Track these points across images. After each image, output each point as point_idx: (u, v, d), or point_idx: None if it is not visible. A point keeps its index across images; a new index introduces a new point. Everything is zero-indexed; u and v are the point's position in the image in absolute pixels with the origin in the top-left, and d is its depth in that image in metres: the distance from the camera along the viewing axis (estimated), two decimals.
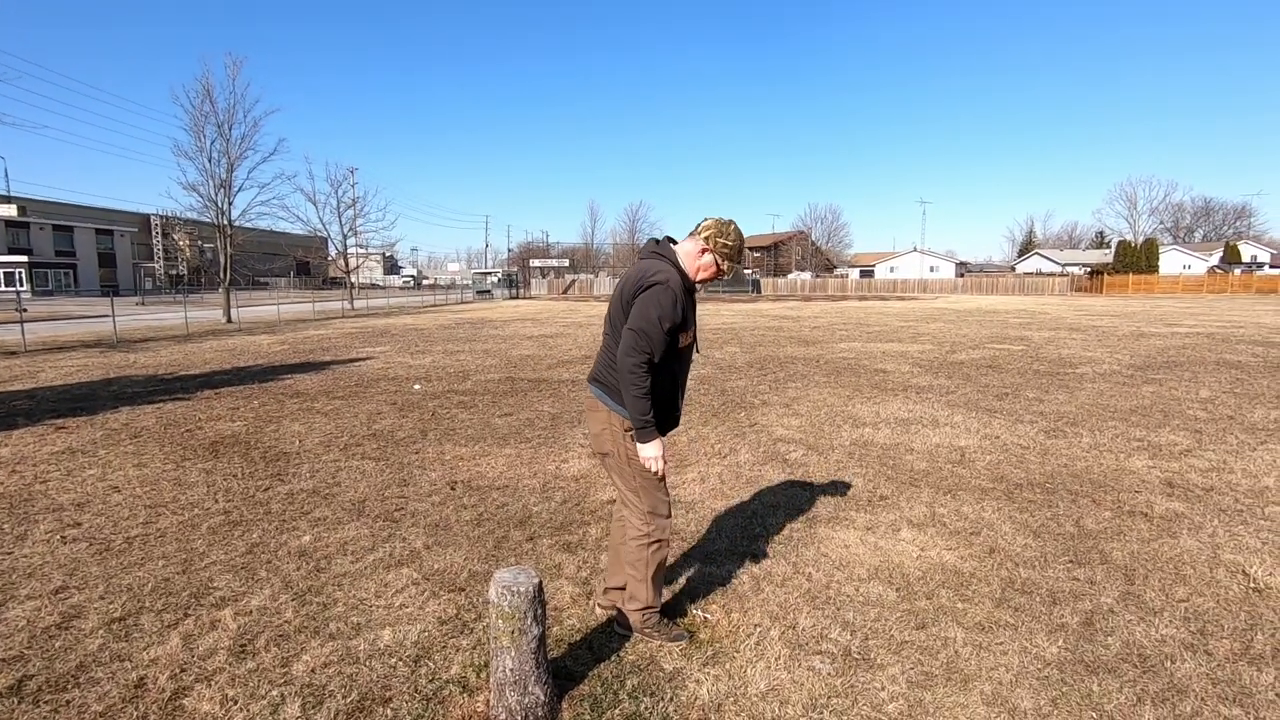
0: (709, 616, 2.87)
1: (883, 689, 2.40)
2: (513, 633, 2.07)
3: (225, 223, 23.14)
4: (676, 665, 2.54)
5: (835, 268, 77.00)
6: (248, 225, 26.16)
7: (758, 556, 3.53)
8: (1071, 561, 3.46)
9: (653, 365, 2.44)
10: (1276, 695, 2.36)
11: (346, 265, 37.26)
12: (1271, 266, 64.12)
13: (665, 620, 2.73)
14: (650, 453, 2.52)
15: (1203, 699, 2.34)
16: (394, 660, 2.57)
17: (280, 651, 2.64)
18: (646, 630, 2.67)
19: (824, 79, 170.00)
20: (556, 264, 69.39)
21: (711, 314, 26.25)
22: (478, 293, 51.22)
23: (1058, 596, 3.09)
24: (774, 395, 8.21)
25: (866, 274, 68.21)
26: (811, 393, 8.35)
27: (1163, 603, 3.03)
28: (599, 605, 2.91)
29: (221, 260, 24.01)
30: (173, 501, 4.44)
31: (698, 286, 2.65)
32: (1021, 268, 72.80)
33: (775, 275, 67.44)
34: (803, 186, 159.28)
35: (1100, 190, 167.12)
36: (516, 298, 51.79)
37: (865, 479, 4.85)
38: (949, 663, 2.57)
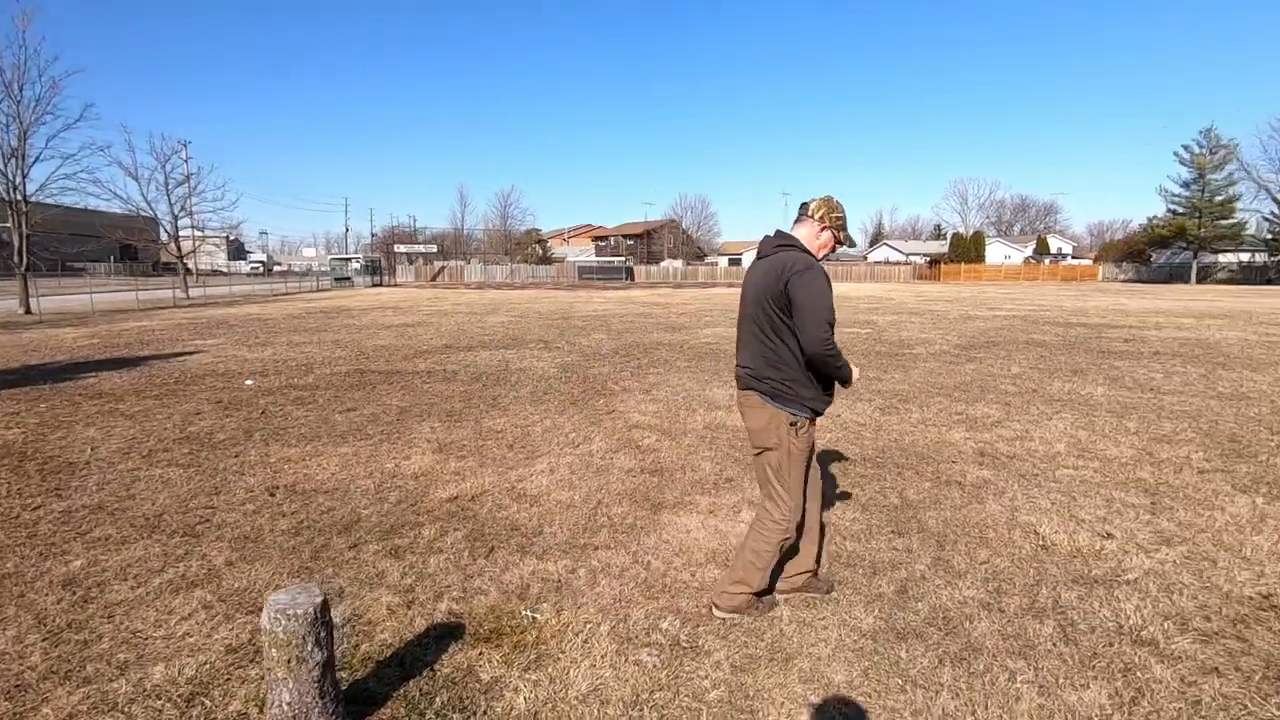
0: (537, 616, 2.74)
1: (706, 677, 2.38)
2: (289, 661, 1.82)
3: (19, 198, 19.96)
4: (495, 674, 2.38)
5: (706, 256, 79.36)
6: (49, 201, 22.69)
7: (598, 548, 3.44)
8: (893, 532, 3.65)
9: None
10: (1053, 644, 2.58)
11: (179, 249, 33.42)
12: (1074, 257, 73.47)
13: (759, 600, 2.81)
14: (856, 372, 2.78)
15: (994, 655, 2.51)
16: (161, 702, 2.22)
17: (13, 707, 2.20)
18: (749, 610, 2.76)
19: (692, 73, 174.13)
20: (424, 250, 66.31)
21: (584, 301, 26.12)
22: (336, 280, 47.75)
23: (878, 567, 3.24)
24: (635, 382, 8.21)
25: (735, 262, 70.79)
26: (672, 378, 8.44)
27: (967, 565, 3.25)
28: (779, 594, 2.91)
29: (15, 242, 20.68)
30: None
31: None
32: (872, 257, 78.56)
33: (649, 263, 68.41)
34: (674, 177, 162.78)
35: (938, 186, 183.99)
36: (379, 285, 48.95)
37: (714, 462, 4.92)
38: (774, 643, 2.59)
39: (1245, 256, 52.46)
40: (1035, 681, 2.35)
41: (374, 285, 48.25)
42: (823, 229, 2.74)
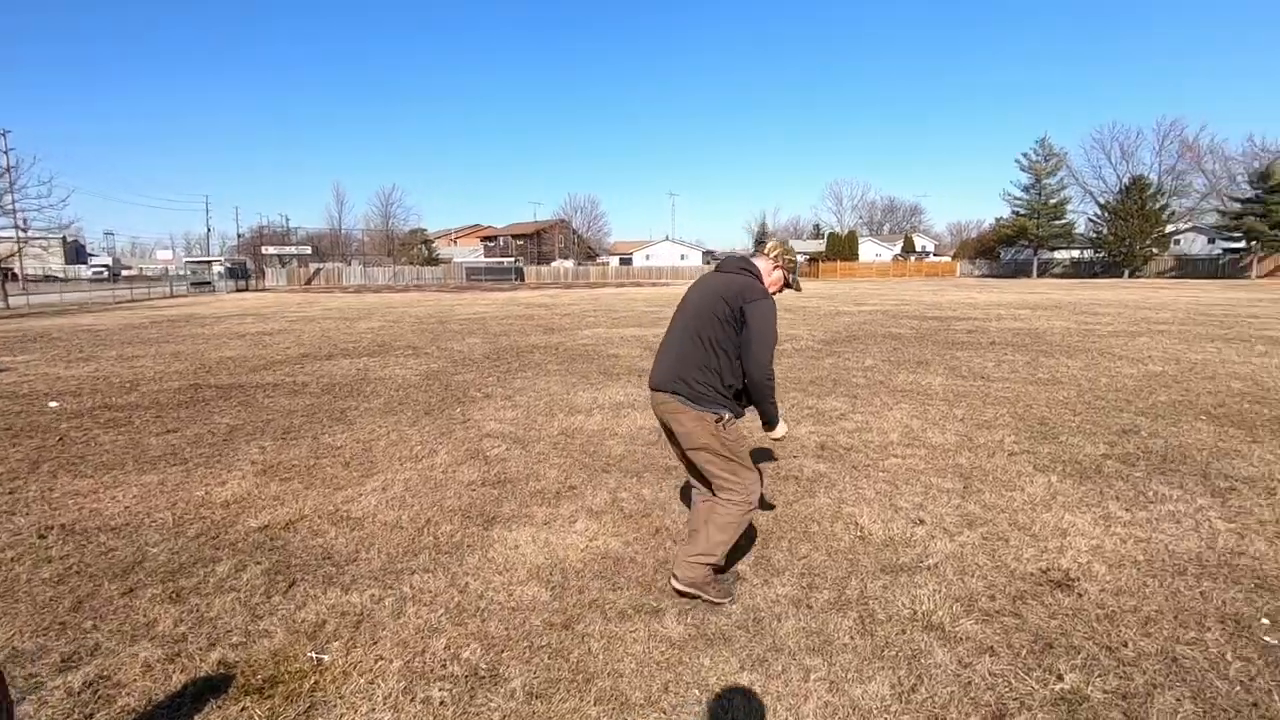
0: (324, 658, 2.50)
1: (497, 709, 2.24)
2: None
3: None
4: None
5: (597, 256, 79.41)
6: None
7: (415, 571, 3.22)
8: None
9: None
10: (851, 638, 2.64)
11: None
12: (935, 255, 79.67)
13: (719, 577, 2.96)
14: (783, 429, 2.99)
15: (793, 654, 2.54)
16: None
17: None
18: (707, 587, 2.87)
19: (578, 72, 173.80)
20: (297, 252, 62.12)
21: (466, 304, 25.34)
22: (194, 285, 43.74)
23: None
24: (499, 387, 7.96)
25: (626, 262, 71.33)
26: (539, 382, 8.26)
27: (787, 562, 3.31)
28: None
29: None
30: None
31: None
32: None
33: (539, 263, 67.55)
34: (562, 176, 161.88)
35: (817, 188, 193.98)
36: (245, 290, 45.38)
37: (561, 470, 4.80)
38: (578, 663, 2.50)
39: (1076, 253, 58.77)
40: (827, 678, 2.39)
41: (239, 290, 44.66)
42: (775, 267, 2.99)
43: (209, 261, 55.48)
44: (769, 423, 2.93)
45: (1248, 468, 4.66)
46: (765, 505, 3.85)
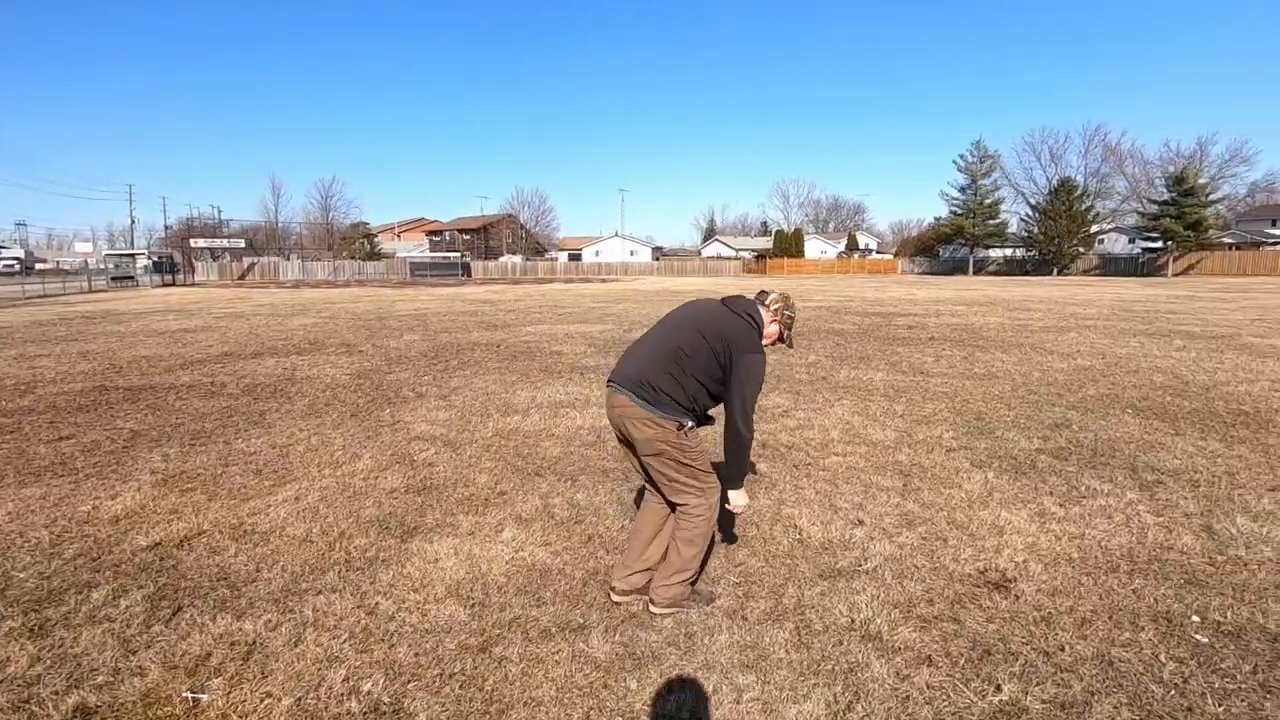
0: (200, 698, 2.21)
1: None
2: None
3: None
4: None
5: (546, 251, 78.51)
6: None
7: (320, 592, 2.95)
8: None
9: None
10: (786, 651, 2.51)
11: None
12: (878, 252, 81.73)
13: (696, 592, 2.86)
14: (745, 501, 2.81)
15: (725, 671, 2.39)
16: None
17: None
18: (683, 601, 2.77)
19: (528, 64, 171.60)
20: (230, 245, 59.35)
21: (408, 300, 24.58)
22: (114, 279, 41.21)
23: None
24: (434, 387, 7.62)
25: (575, 257, 70.77)
26: (476, 381, 7.95)
27: (723, 569, 3.16)
28: (616, 596, 2.85)
29: None
30: None
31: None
32: (706, 252, 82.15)
33: (486, 258, 66.33)
34: (510, 170, 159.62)
35: (765, 185, 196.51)
36: (172, 285, 43.10)
37: (492, 474, 4.55)
38: (493, 691, 2.28)
39: (1009, 252, 61.12)
40: (760, 698, 2.24)
41: (165, 285, 42.39)
42: (773, 320, 2.87)
43: (132, 255, 52.42)
44: (734, 481, 2.73)
45: (1172, 460, 4.76)
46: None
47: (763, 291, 2.97)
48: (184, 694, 2.23)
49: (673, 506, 2.82)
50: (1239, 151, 57.28)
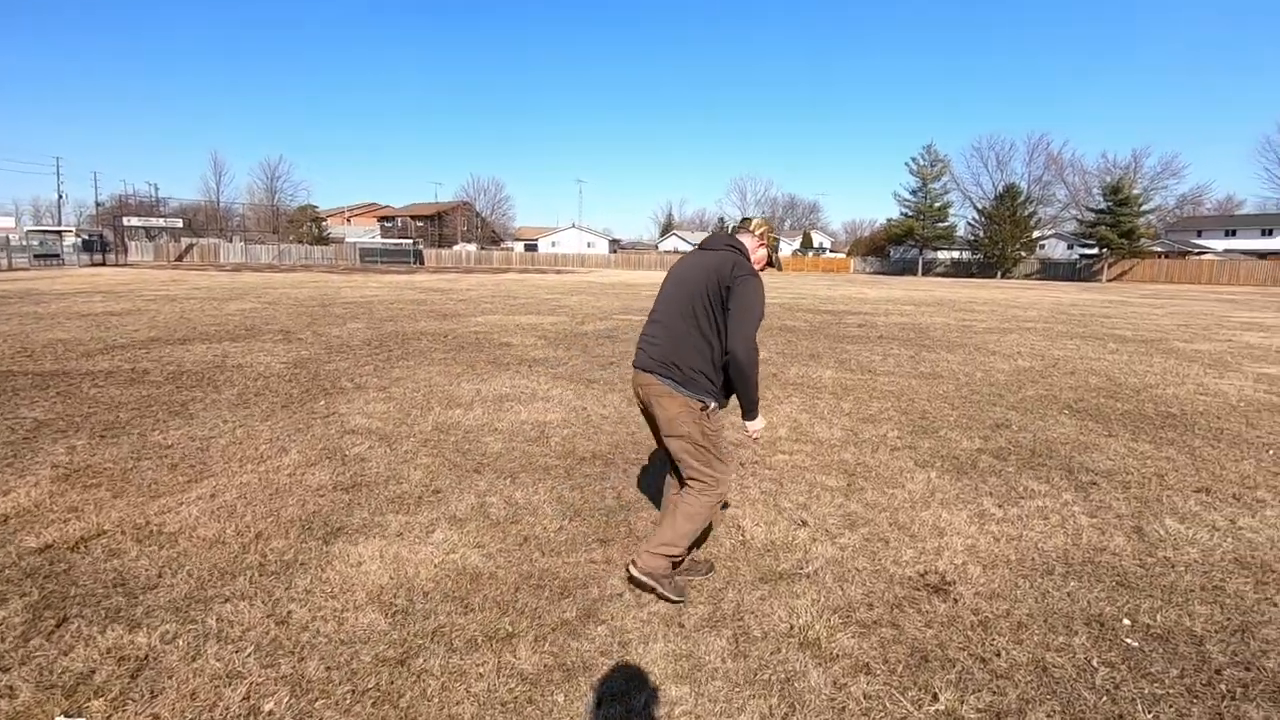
0: None
1: None
2: None
3: None
4: None
5: (501, 240, 77.35)
6: None
7: (228, 599, 2.72)
8: (598, 540, 3.38)
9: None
10: (723, 660, 2.42)
11: None
12: (832, 251, 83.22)
13: (674, 576, 2.83)
14: (761, 424, 2.86)
15: (660, 681, 2.28)
16: None
17: None
18: (663, 580, 2.75)
19: (484, 50, 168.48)
20: (167, 224, 56.63)
21: (356, 286, 23.81)
22: (38, 257, 38.87)
23: (568, 586, 2.92)
24: (374, 378, 7.32)
25: (531, 248, 69.95)
26: (419, 372, 7.67)
27: None
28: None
29: None
30: None
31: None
32: (663, 246, 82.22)
33: (440, 246, 65.02)
34: (465, 157, 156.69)
35: (722, 182, 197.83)
36: (102, 264, 40.88)
37: (427, 471, 4.35)
38: (408, 709, 2.13)
39: (957, 254, 62.95)
40: (693, 712, 2.14)
41: (94, 265, 40.19)
42: (760, 244, 2.89)
43: (59, 232, 49.52)
44: (749, 410, 2.79)
45: (1106, 461, 4.87)
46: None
47: (745, 219, 2.98)
48: (57, 718, 2.00)
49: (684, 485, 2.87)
50: (1169, 165, 60.38)
